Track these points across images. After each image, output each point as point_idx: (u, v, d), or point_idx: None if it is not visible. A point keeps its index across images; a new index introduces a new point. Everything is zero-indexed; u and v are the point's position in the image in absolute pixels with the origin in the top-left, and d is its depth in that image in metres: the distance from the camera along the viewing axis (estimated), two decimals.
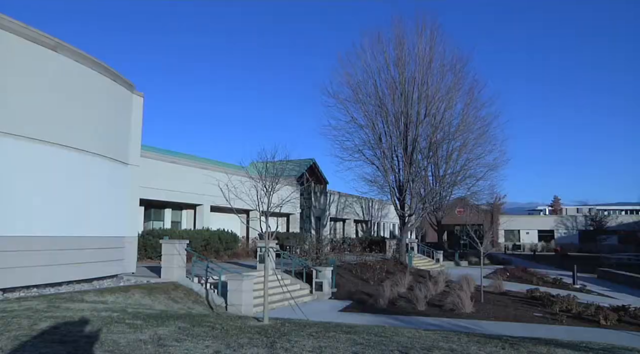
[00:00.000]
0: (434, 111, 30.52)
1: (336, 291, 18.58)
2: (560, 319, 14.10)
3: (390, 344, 8.75)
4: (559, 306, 15.61)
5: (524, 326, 13.07)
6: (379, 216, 50.72)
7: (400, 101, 29.98)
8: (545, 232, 67.03)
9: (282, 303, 15.40)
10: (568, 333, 12.09)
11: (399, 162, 31.05)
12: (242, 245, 26.53)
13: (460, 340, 10.15)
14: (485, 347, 9.44)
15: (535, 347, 9.77)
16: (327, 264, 19.97)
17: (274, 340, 8.44)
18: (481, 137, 34.87)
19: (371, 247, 32.43)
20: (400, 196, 31.16)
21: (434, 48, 30.93)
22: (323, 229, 38.26)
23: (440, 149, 35.27)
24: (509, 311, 15.46)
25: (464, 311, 14.82)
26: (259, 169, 13.27)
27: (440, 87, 30.96)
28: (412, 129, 30.10)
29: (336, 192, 41.42)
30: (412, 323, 12.84)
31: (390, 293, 16.94)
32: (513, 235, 67.79)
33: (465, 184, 39.26)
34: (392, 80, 30.51)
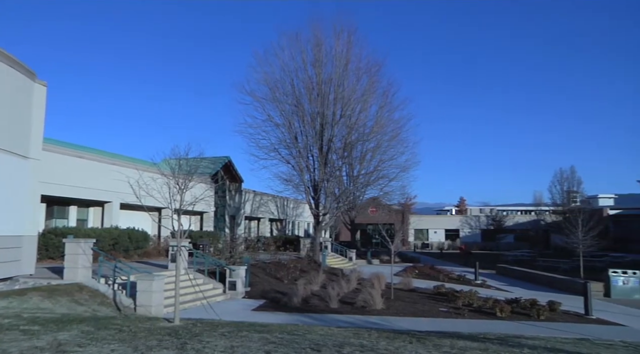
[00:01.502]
0: (349, 112, 31.16)
1: (250, 290, 18.45)
2: (462, 313, 14.92)
3: (303, 342, 8.84)
4: (462, 301, 16.52)
5: (431, 321, 13.70)
6: (294, 215, 50.99)
7: (317, 101, 30.32)
8: (452, 231, 70.62)
9: (195, 303, 15.05)
10: (469, 326, 12.83)
11: (314, 162, 31.40)
12: (153, 244, 25.59)
13: (370, 336, 10.46)
14: (394, 342, 9.78)
15: (440, 340, 10.28)
16: (241, 263, 19.76)
17: (184, 341, 8.23)
18: (394, 139, 36.04)
19: (286, 246, 32.54)
20: (315, 195, 31.51)
21: (351, 50, 31.60)
22: (238, 227, 37.83)
23: (355, 150, 36.05)
24: (417, 307, 16.11)
25: (375, 307, 15.27)
26: (171, 166, 12.90)
27: (356, 89, 31.68)
28: (328, 129, 30.54)
29: (251, 191, 41.10)
30: (324, 321, 13.03)
31: (304, 291, 17.08)
32: (422, 234, 70.79)
33: (378, 185, 40.39)
34: (310, 80, 30.79)
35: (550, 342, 10.66)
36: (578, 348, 10.08)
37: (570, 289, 21.36)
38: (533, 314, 14.69)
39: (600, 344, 10.88)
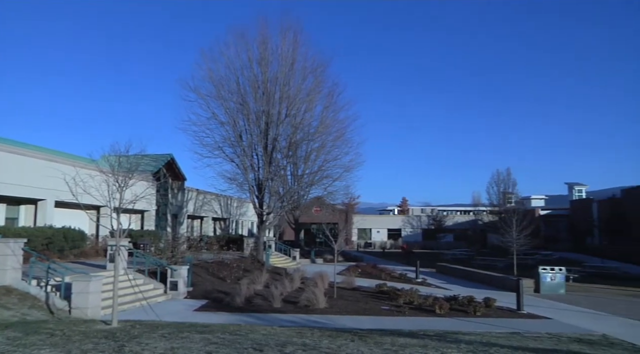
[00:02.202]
0: (294, 111, 31.18)
1: (192, 290, 18.12)
2: (404, 311, 15.27)
3: (245, 342, 8.78)
4: (403, 299, 16.89)
5: (373, 319, 13.93)
6: (238, 214, 50.50)
7: (263, 99, 30.14)
8: (394, 231, 72.02)
9: (134, 304, 14.62)
10: (410, 323, 13.14)
11: (258, 161, 31.19)
12: (91, 244, 24.64)
13: (313, 335, 10.52)
14: (336, 340, 9.89)
15: (381, 338, 10.48)
16: (183, 262, 19.38)
17: (122, 344, 7.99)
18: (339, 139, 36.40)
19: (229, 246, 32.19)
20: (259, 195, 31.32)
21: (297, 50, 31.61)
22: (180, 226, 37.06)
23: (300, 149, 36.15)
24: (360, 306, 16.34)
25: (318, 306, 15.36)
26: (111, 163, 12.46)
27: (301, 88, 31.74)
28: (273, 128, 30.44)
29: (195, 190, 40.36)
30: (267, 320, 12.99)
31: (247, 291, 16.96)
32: (365, 233, 71.80)
33: (322, 184, 40.66)
34: (255, 78, 30.57)
35: (485, 337, 11.10)
36: (510, 342, 10.55)
37: (504, 286, 22.27)
38: (470, 311, 15.23)
39: (529, 337, 11.45)
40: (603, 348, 10.53)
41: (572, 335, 11.97)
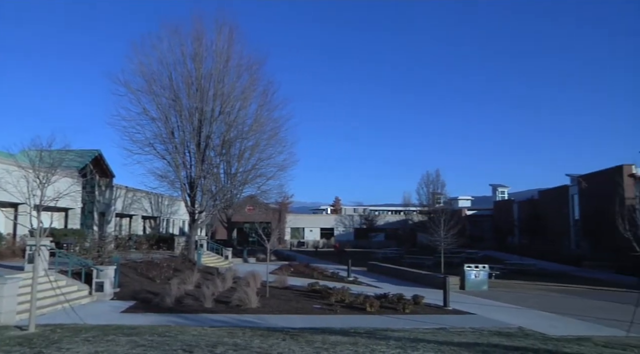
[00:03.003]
0: (228, 109, 30.77)
1: (119, 291, 17.46)
2: (335, 309, 15.45)
3: (175, 344, 8.59)
4: (335, 298, 17.10)
5: (305, 318, 14.01)
6: (169, 212, 49.20)
7: (196, 96, 29.53)
8: (327, 230, 72.75)
9: (55, 307, 13.89)
10: (341, 321, 13.33)
11: (191, 158, 30.54)
12: (7, 244, 23.14)
13: (244, 335, 10.45)
14: (268, 340, 9.87)
15: (312, 336, 10.56)
16: (110, 262, 18.64)
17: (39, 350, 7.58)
18: (273, 138, 36.33)
19: (159, 245, 31.28)
20: (192, 193, 30.67)
21: (232, 47, 31.22)
22: (107, 225, 35.59)
23: (234, 148, 35.76)
24: (292, 305, 16.38)
25: (250, 306, 15.26)
26: (31, 158, 11.78)
27: (236, 86, 31.38)
28: (207, 125, 29.89)
29: (124, 187, 38.90)
30: (198, 321, 12.76)
31: (178, 291, 16.57)
32: (298, 233, 72.06)
33: (256, 183, 40.45)
34: (189, 74, 29.89)
35: (413, 333, 11.46)
36: (436, 337, 10.96)
37: (432, 284, 23.05)
38: (399, 308, 15.65)
39: (454, 332, 11.95)
40: (519, 339, 11.16)
41: (492, 329, 12.60)
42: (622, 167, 40.61)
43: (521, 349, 9.82)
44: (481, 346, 10.04)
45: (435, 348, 9.57)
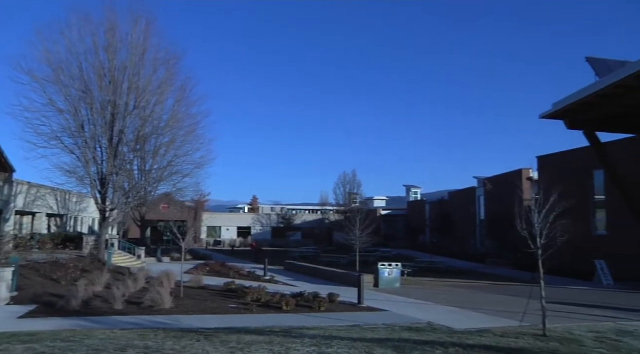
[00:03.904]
0: (144, 103, 29.67)
1: (18, 295, 16.28)
2: (251, 308, 15.38)
3: (80, 349, 8.19)
4: (251, 297, 17.02)
5: (220, 318, 13.83)
6: (78, 210, 46.59)
7: (109, 89, 28.18)
8: (244, 229, 72.19)
9: None
10: (257, 321, 13.30)
11: (102, 154, 29.10)
12: None
13: (157, 337, 10.17)
14: (181, 341, 9.68)
15: (227, 336, 10.49)
16: (7, 264, 17.33)
17: None
18: (190, 135, 35.50)
19: (66, 244, 29.58)
20: (102, 190, 29.25)
21: (149, 40, 30.14)
22: (5, 224, 33.02)
23: (149, 143, 34.53)
24: (207, 305, 16.11)
25: (164, 307, 14.83)
26: None
27: (152, 80, 30.31)
28: (120, 119, 28.63)
29: (25, 183, 36.28)
30: (107, 324, 12.21)
31: (85, 293, 15.74)
32: (215, 231, 70.92)
33: (171, 181, 39.34)
34: (101, 66, 28.46)
35: (328, 331, 11.69)
36: (350, 334, 11.25)
37: (347, 282, 23.55)
38: (315, 307, 15.85)
39: (368, 328, 12.32)
40: (428, 333, 11.73)
41: (404, 324, 13.12)
42: (521, 171, 43.77)
43: (430, 343, 10.32)
44: (393, 341, 10.44)
45: (349, 345, 9.83)
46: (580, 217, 28.34)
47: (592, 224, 33.62)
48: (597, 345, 10.91)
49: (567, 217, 12.98)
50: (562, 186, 14.93)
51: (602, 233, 32.91)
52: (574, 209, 16.98)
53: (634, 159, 29.52)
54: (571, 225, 13.56)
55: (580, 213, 28.86)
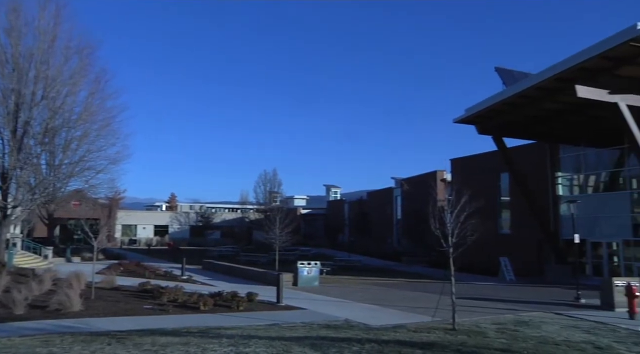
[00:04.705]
0: (53, 94, 27.83)
1: None
2: (167, 309, 14.96)
3: None
4: (168, 297, 16.55)
5: (134, 319, 13.32)
6: None
7: (12, 76, 26.16)
8: (161, 227, 69.93)
9: None
10: (173, 321, 12.95)
11: (4, 146, 27.02)
12: None
13: (63, 342, 9.64)
14: (91, 345, 9.25)
15: (141, 338, 10.14)
16: None
17: None
18: (104, 129, 33.78)
19: None
20: (4, 185, 27.14)
21: (59, 26, 28.31)
22: None
23: (59, 137, 32.46)
24: (120, 306, 15.48)
25: (72, 309, 14.05)
26: None
27: (63, 69, 28.52)
28: (25, 110, 26.70)
29: None
30: (5, 331, 11.35)
31: None
32: (130, 230, 68.16)
33: (84, 176, 37.19)
34: (3, 51, 26.35)
35: (246, 330, 11.62)
36: (268, 333, 11.26)
37: (267, 281, 23.51)
38: (233, 306, 15.69)
39: (286, 327, 12.39)
40: (345, 330, 12.00)
41: (322, 322, 13.32)
42: (435, 172, 45.84)
43: (346, 340, 10.56)
44: (310, 339, 10.57)
45: (267, 344, 9.84)
46: (488, 217, 30.14)
47: (498, 223, 35.86)
48: (498, 335, 11.69)
49: (476, 217, 13.77)
50: (472, 187, 15.81)
51: (506, 232, 35.19)
52: (482, 209, 18.06)
53: (535, 164, 31.83)
54: (480, 224, 14.39)
55: (488, 213, 30.68)
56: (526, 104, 25.28)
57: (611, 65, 20.77)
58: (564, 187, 31.68)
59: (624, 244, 27.23)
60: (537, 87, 23.07)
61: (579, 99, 21.42)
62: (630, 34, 18.47)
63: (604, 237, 28.16)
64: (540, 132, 29.74)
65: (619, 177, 28.59)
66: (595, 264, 28.70)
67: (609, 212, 27.83)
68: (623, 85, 22.01)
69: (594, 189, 30.49)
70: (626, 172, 27.86)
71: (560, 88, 22.32)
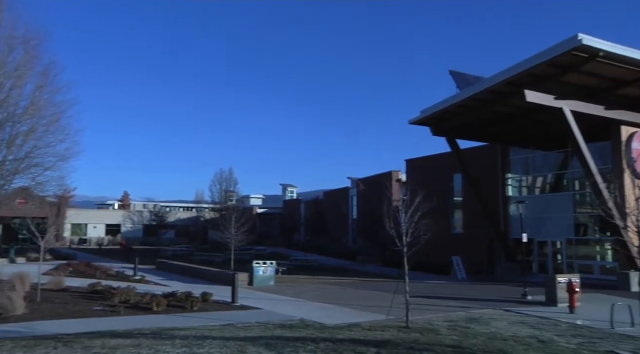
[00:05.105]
0: None
1: None
2: (118, 310, 14.59)
3: None
4: (119, 298, 16.13)
5: (83, 322, 12.92)
6: None
7: None
8: (113, 226, 68.05)
9: None
10: (125, 323, 12.63)
11: None
12: None
13: (2, 348, 9.24)
14: (34, 350, 8.94)
15: (90, 341, 9.86)
16: None
17: None
18: (53, 125, 32.33)
19: None
20: None
21: (2, 12, 27.04)
22: None
23: (2, 132, 31.03)
24: (69, 308, 14.99)
25: (15, 313, 13.47)
26: None
27: (7, 60, 27.18)
28: None
29: None
30: None
31: None
32: (80, 229, 66.01)
33: (30, 173, 35.51)
34: None
35: (200, 331, 11.48)
36: (223, 333, 11.16)
37: (222, 280, 23.26)
38: (187, 306, 15.47)
39: (241, 327, 12.31)
40: (300, 329, 12.04)
41: (277, 322, 13.31)
42: (391, 172, 46.51)
43: (301, 339, 10.59)
44: (265, 338, 10.55)
45: (221, 344, 9.76)
46: (441, 217, 30.85)
47: (450, 223, 36.73)
48: (450, 332, 12.00)
49: (430, 217, 14.08)
50: (426, 188, 16.18)
51: (458, 232, 36.10)
52: (436, 209, 18.46)
53: (487, 166, 32.79)
54: (433, 224, 14.72)
55: (441, 213, 31.39)
56: (479, 107, 26.02)
57: (557, 72, 21.66)
58: (514, 188, 32.78)
59: (566, 242, 28.43)
60: (489, 90, 23.80)
61: (528, 103, 22.26)
62: (572, 44, 19.37)
63: (549, 237, 29.30)
64: (492, 134, 30.66)
65: (563, 179, 29.82)
66: (541, 262, 29.83)
67: (554, 213, 29.00)
68: (568, 91, 23.04)
69: (540, 190, 31.67)
70: (570, 174, 29.09)
71: (511, 92, 23.10)
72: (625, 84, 22.79)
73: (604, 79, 22.53)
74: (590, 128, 24.04)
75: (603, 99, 23.98)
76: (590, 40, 19.21)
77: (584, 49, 19.56)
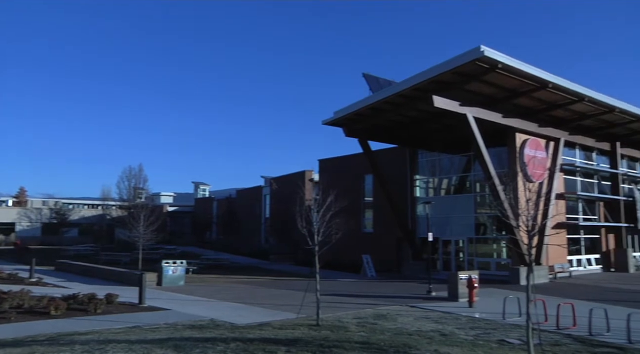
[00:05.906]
0: None
1: None
2: (9, 316, 13.54)
3: None
4: (10, 303, 14.93)
5: None
6: None
7: None
8: (7, 224, 63.23)
9: None
10: (16, 330, 11.77)
11: None
12: None
13: None
14: None
15: None
16: None
17: None
18: None
19: None
20: None
21: None
22: None
23: None
24: None
25: None
26: None
27: None
28: None
29: None
30: None
31: None
32: None
33: None
34: None
35: (104, 334, 10.97)
36: (128, 336, 10.73)
37: (129, 281, 22.35)
38: (90, 309, 14.71)
39: (148, 329, 11.91)
40: (210, 330, 11.86)
41: (186, 322, 13.02)
42: (304, 172, 46.96)
43: (211, 339, 10.43)
44: (174, 340, 10.28)
45: (126, 348, 9.39)
46: (352, 217, 31.62)
47: (361, 222, 37.73)
48: (359, 329, 12.36)
49: (341, 217, 14.41)
50: (338, 188, 16.50)
51: (369, 231, 37.16)
52: (347, 208, 18.91)
53: (397, 167, 34.04)
54: (344, 223, 15.10)
55: (352, 213, 32.16)
56: (389, 110, 26.94)
57: (462, 80, 22.96)
58: (421, 189, 34.26)
59: (468, 241, 30.21)
60: (398, 94, 24.73)
61: (435, 108, 23.39)
62: (475, 55, 20.65)
63: (453, 236, 30.97)
64: (402, 137, 31.87)
65: (466, 181, 31.64)
66: (445, 260, 31.44)
67: (457, 213, 30.68)
68: (471, 98, 24.51)
69: (446, 191, 33.37)
70: (472, 177, 30.90)
71: (419, 97, 24.16)
72: (519, 94, 24.63)
73: (502, 89, 24.19)
74: (491, 134, 25.73)
75: (501, 108, 25.75)
76: (491, 53, 20.57)
77: (485, 61, 20.90)
